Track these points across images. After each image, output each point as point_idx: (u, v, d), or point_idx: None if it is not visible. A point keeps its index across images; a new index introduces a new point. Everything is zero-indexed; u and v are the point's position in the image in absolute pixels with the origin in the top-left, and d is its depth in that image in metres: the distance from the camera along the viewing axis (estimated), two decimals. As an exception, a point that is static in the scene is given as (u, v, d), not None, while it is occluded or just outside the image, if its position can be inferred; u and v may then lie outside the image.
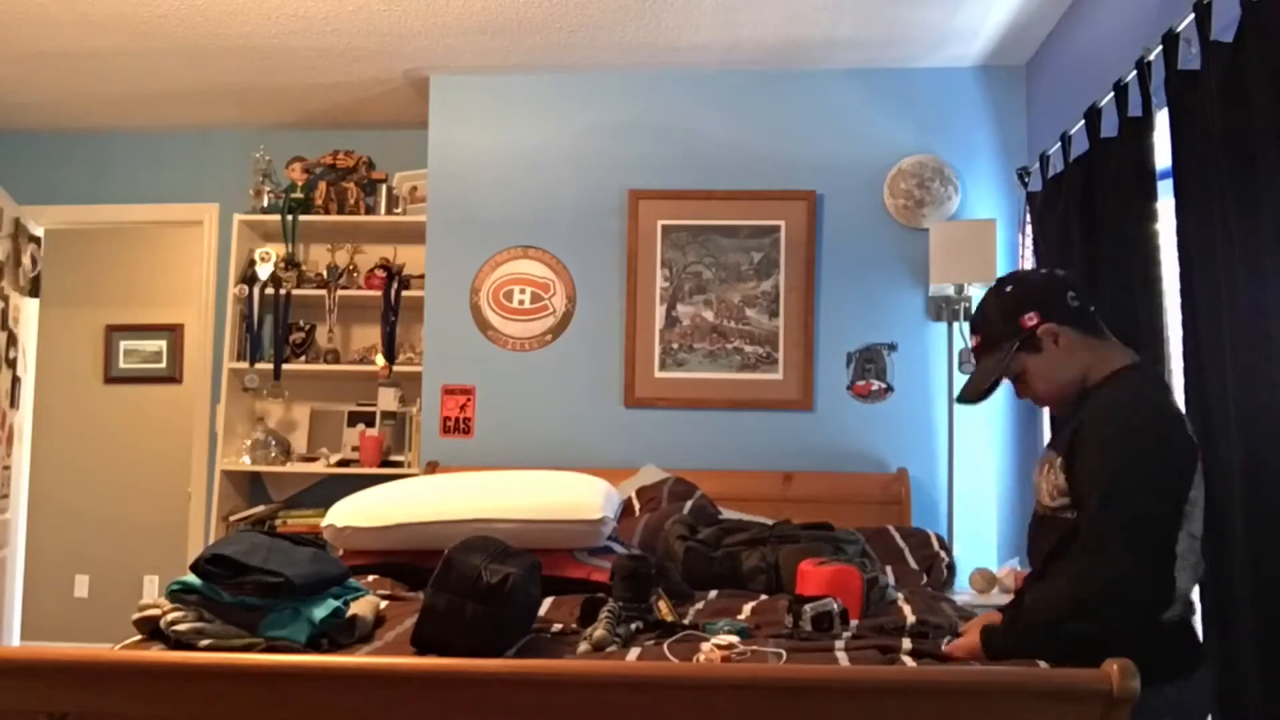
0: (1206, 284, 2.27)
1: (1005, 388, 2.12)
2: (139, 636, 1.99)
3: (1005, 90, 4.13)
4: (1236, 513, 2.15)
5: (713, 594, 2.71)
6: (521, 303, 4.29)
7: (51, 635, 5.41)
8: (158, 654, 1.81)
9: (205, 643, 1.87)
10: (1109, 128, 2.89)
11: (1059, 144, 3.29)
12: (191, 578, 1.96)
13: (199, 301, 5.03)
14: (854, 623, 2.19)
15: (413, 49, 4.07)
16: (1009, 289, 2.03)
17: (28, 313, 5.06)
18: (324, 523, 2.79)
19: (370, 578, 2.66)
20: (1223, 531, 2.21)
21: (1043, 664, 1.80)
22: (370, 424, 4.58)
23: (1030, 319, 1.96)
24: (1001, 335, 1.99)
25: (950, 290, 3.93)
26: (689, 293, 4.20)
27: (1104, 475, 1.80)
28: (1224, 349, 2.18)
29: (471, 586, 1.89)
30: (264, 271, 4.61)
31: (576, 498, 2.76)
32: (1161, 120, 2.58)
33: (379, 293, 4.60)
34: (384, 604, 2.30)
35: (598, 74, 4.29)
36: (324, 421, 4.79)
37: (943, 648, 1.96)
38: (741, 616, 2.33)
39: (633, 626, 2.08)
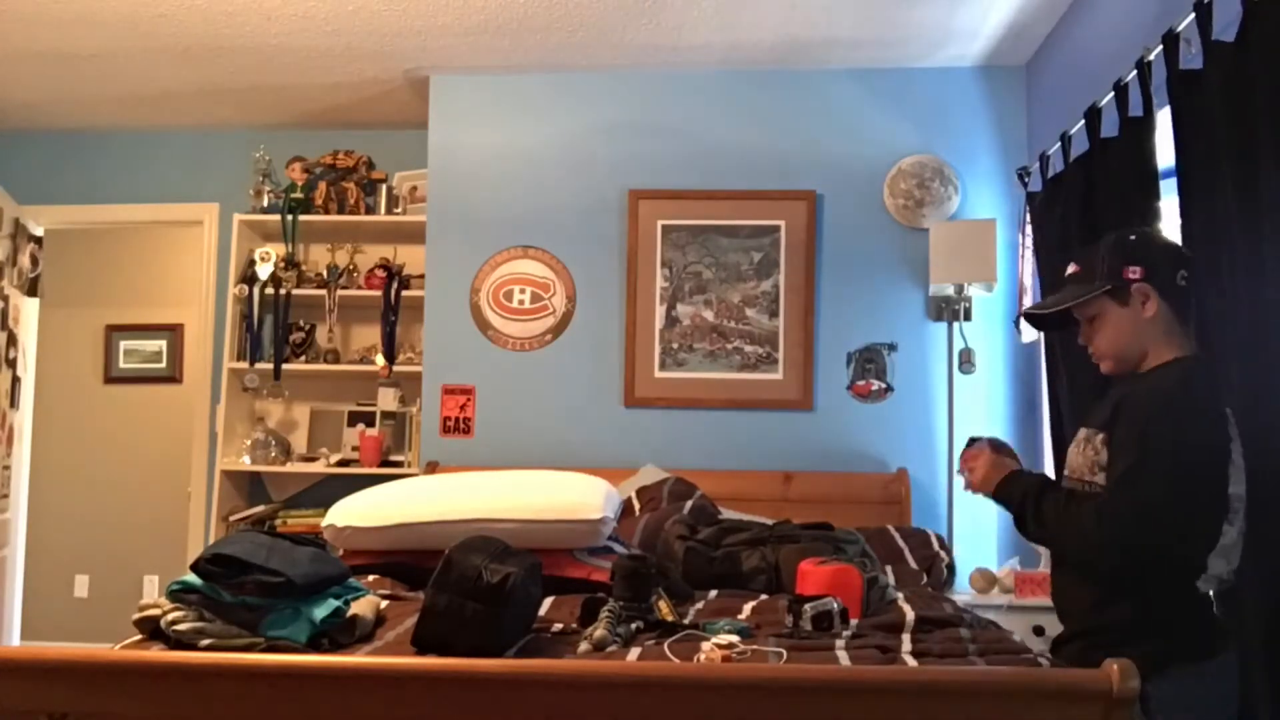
0: (1208, 283, 2.26)
1: (996, 370, 2.11)
2: (139, 636, 1.99)
3: (1005, 90, 4.13)
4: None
5: (713, 594, 2.71)
6: (521, 303, 4.29)
7: (51, 635, 5.41)
8: (158, 654, 1.81)
9: (205, 643, 1.87)
10: (1109, 128, 2.89)
11: (1059, 144, 3.29)
12: (192, 577, 1.96)
13: (199, 301, 5.03)
14: (854, 621, 2.19)
15: (413, 49, 4.07)
16: (1133, 238, 2.02)
17: (28, 313, 5.05)
18: (324, 523, 2.80)
19: (370, 578, 2.66)
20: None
21: (1043, 662, 1.80)
22: (370, 424, 4.58)
23: (1134, 272, 1.94)
24: (1101, 273, 1.98)
25: (950, 290, 3.93)
26: (689, 293, 4.20)
27: (1137, 446, 1.82)
28: (1227, 348, 2.18)
29: (472, 586, 1.89)
30: (264, 271, 4.61)
31: (576, 498, 2.77)
32: (1162, 120, 2.58)
33: (379, 293, 4.60)
34: (384, 604, 2.30)
35: (598, 74, 4.29)
36: (324, 421, 4.79)
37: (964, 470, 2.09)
38: (741, 616, 2.33)
39: (633, 626, 2.08)
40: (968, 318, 3.98)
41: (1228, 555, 1.86)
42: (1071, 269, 2.07)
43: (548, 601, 2.39)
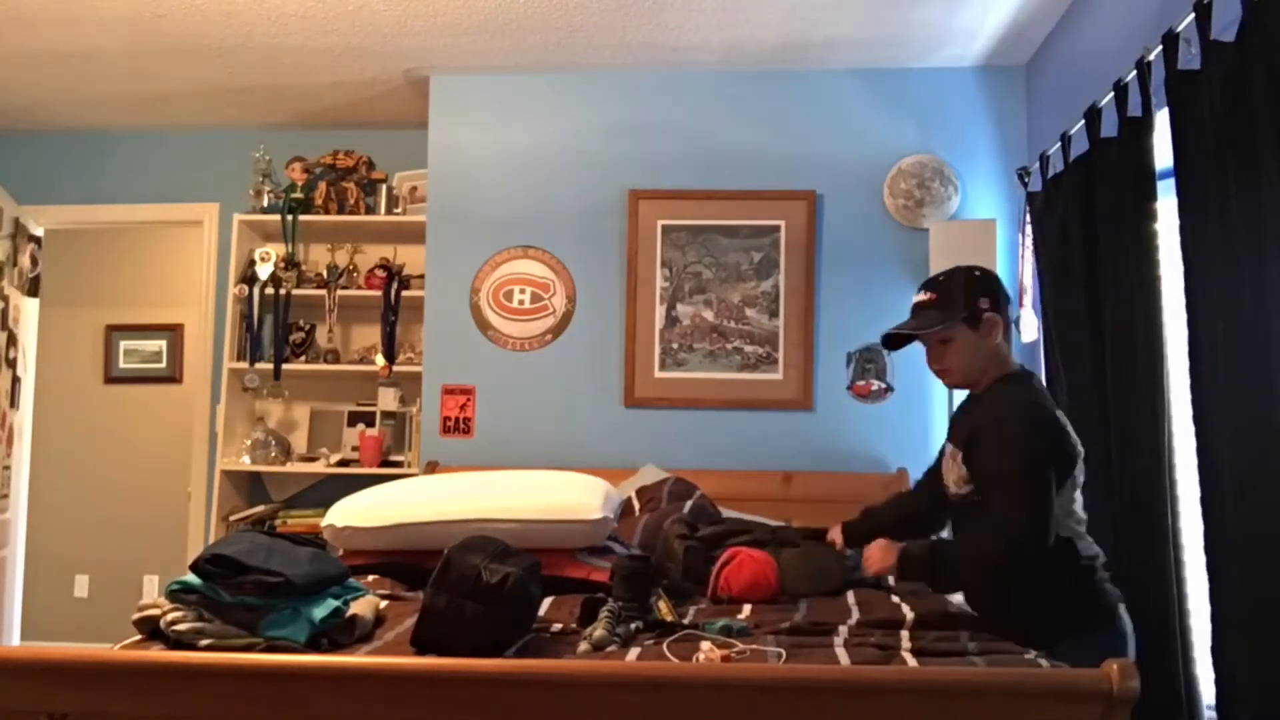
0: (1209, 284, 2.27)
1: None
2: (139, 636, 1.99)
3: (1005, 90, 4.13)
4: (1234, 511, 2.15)
5: (713, 594, 2.70)
6: (521, 303, 4.29)
7: (51, 635, 5.41)
8: (158, 654, 1.81)
9: (205, 643, 1.86)
10: (1109, 128, 2.89)
11: (1059, 144, 3.29)
12: (191, 577, 1.96)
13: (199, 301, 5.03)
14: (854, 621, 2.20)
15: (413, 49, 4.07)
16: (979, 274, 2.37)
17: (28, 313, 5.06)
18: (324, 523, 2.79)
19: (370, 578, 2.66)
20: (1221, 531, 2.21)
21: (1044, 663, 1.80)
22: (370, 424, 4.58)
23: (985, 303, 2.31)
24: (957, 303, 2.31)
25: (950, 290, 3.92)
26: (689, 293, 4.20)
27: (1001, 466, 2.17)
28: (1226, 348, 2.18)
29: (471, 586, 1.89)
30: (264, 271, 4.61)
31: (576, 498, 2.77)
32: (1161, 120, 2.57)
33: (379, 293, 4.60)
34: (384, 604, 2.30)
35: (598, 74, 4.29)
36: (324, 421, 4.78)
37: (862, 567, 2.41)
38: (741, 616, 2.33)
39: (632, 626, 2.08)
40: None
41: (1069, 526, 2.20)
42: (925, 296, 2.38)
43: (548, 601, 2.38)
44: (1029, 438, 2.17)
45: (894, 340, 2.45)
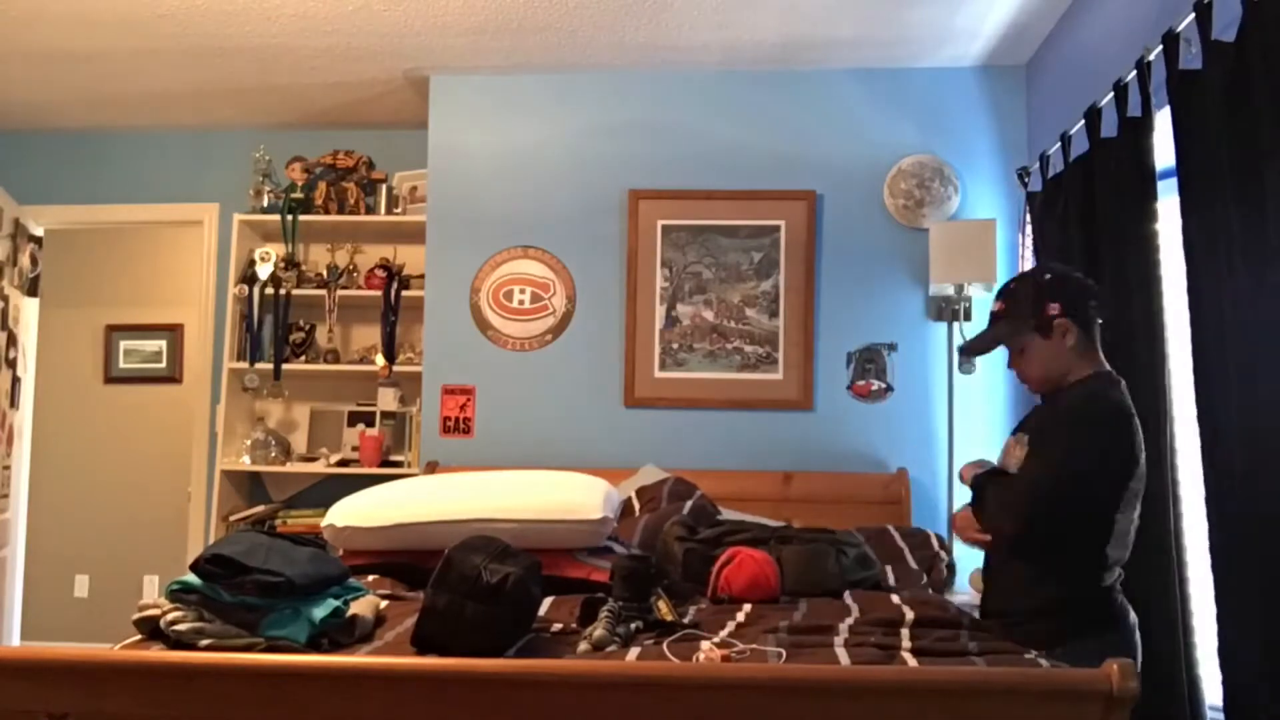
0: (1210, 283, 2.27)
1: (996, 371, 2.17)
2: (139, 636, 1.99)
3: (1005, 90, 4.13)
4: (1240, 510, 2.15)
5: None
6: (521, 303, 4.29)
7: (51, 635, 5.41)
8: (158, 654, 1.81)
9: (205, 643, 1.86)
10: (1109, 128, 2.89)
11: (1059, 144, 3.29)
12: (191, 577, 1.96)
13: (199, 301, 5.03)
14: (853, 620, 2.20)
15: (413, 49, 4.07)
16: (1048, 277, 2.33)
17: (28, 313, 5.06)
18: (324, 523, 2.79)
19: (370, 578, 2.65)
20: (1227, 529, 2.21)
21: (1044, 663, 1.80)
22: (370, 424, 4.58)
23: (1054, 309, 2.25)
24: (1025, 311, 2.29)
25: (950, 290, 3.93)
26: (689, 292, 4.20)
27: (1041, 448, 2.22)
28: (1228, 347, 2.18)
29: (471, 586, 1.89)
30: (264, 271, 4.61)
31: (577, 498, 2.76)
32: (1161, 120, 2.58)
33: (379, 293, 4.60)
34: (384, 604, 2.30)
35: (598, 74, 4.29)
36: (324, 421, 4.78)
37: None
38: (741, 616, 2.33)
39: (632, 626, 2.08)
40: (968, 318, 3.97)
41: (1123, 541, 2.20)
42: (997, 306, 2.38)
43: (548, 601, 2.38)
44: (1080, 425, 2.19)
45: (978, 349, 2.47)
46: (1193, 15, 2.32)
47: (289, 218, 4.64)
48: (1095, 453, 2.16)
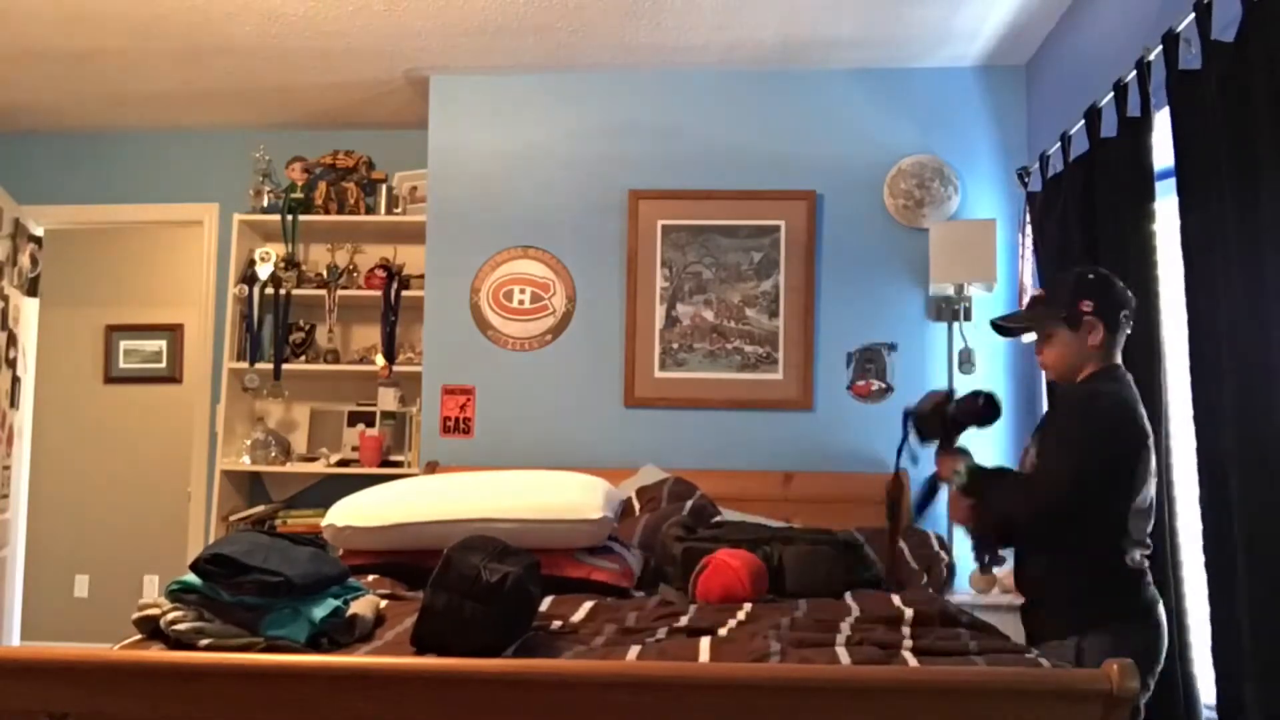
0: (1209, 283, 2.27)
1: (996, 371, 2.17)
2: (139, 636, 1.99)
3: (1005, 90, 4.13)
4: (1236, 510, 2.15)
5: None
6: (521, 303, 4.29)
7: (51, 635, 5.41)
8: (158, 654, 1.81)
9: (205, 642, 1.86)
10: (1109, 128, 2.89)
11: (1059, 144, 3.29)
12: (191, 577, 1.96)
13: (199, 301, 5.03)
14: (854, 620, 2.20)
15: (413, 49, 4.07)
16: (1091, 277, 2.42)
17: (28, 313, 5.05)
18: (324, 523, 2.80)
19: (370, 578, 2.66)
20: (1223, 528, 2.21)
21: (1044, 662, 1.80)
22: (370, 424, 4.58)
23: (1087, 306, 2.34)
24: (1061, 301, 2.39)
25: (950, 290, 3.93)
26: (689, 293, 4.20)
27: (1050, 444, 2.34)
28: (1226, 347, 2.18)
29: (471, 586, 1.89)
30: (264, 271, 4.61)
31: (576, 498, 2.77)
32: (1161, 120, 2.58)
33: (379, 293, 4.60)
34: (384, 604, 2.30)
35: (598, 74, 4.29)
36: (324, 421, 4.78)
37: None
38: (741, 615, 2.33)
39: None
40: (968, 318, 3.97)
41: (1144, 515, 2.28)
42: (1038, 292, 2.51)
43: (548, 601, 2.39)
44: (1084, 425, 2.28)
45: (1005, 329, 2.60)
46: (1192, 15, 2.32)
47: (289, 218, 4.64)
48: (1092, 444, 2.25)
